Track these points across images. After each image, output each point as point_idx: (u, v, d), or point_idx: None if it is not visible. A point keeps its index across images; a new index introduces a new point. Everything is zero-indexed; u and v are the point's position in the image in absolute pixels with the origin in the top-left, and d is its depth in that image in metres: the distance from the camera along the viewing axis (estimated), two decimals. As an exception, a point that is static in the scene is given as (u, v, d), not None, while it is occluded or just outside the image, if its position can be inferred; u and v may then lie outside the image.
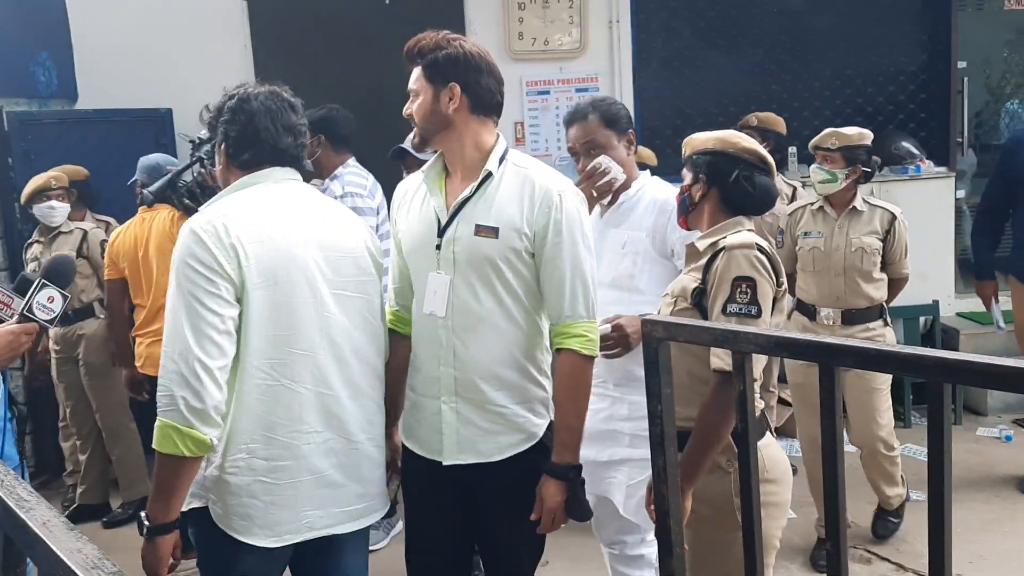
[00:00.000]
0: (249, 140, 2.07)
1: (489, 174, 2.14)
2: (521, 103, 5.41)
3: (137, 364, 3.97)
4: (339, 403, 2.08)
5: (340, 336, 2.08)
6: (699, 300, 2.17)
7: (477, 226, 2.12)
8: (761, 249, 2.15)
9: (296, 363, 2.00)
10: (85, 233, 4.38)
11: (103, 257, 4.16)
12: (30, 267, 4.32)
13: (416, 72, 2.15)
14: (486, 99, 2.15)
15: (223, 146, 2.11)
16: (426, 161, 2.35)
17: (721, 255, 2.14)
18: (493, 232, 2.10)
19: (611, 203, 2.75)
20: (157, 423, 1.88)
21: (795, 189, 4.54)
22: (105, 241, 4.30)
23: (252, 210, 2.02)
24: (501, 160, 2.17)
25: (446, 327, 2.16)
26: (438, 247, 2.16)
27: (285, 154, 2.11)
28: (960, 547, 3.54)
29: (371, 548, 3.87)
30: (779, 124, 4.56)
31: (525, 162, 2.20)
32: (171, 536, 1.96)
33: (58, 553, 0.98)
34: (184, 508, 2.00)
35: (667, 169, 5.47)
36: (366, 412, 2.14)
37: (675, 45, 5.60)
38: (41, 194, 4.27)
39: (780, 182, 4.57)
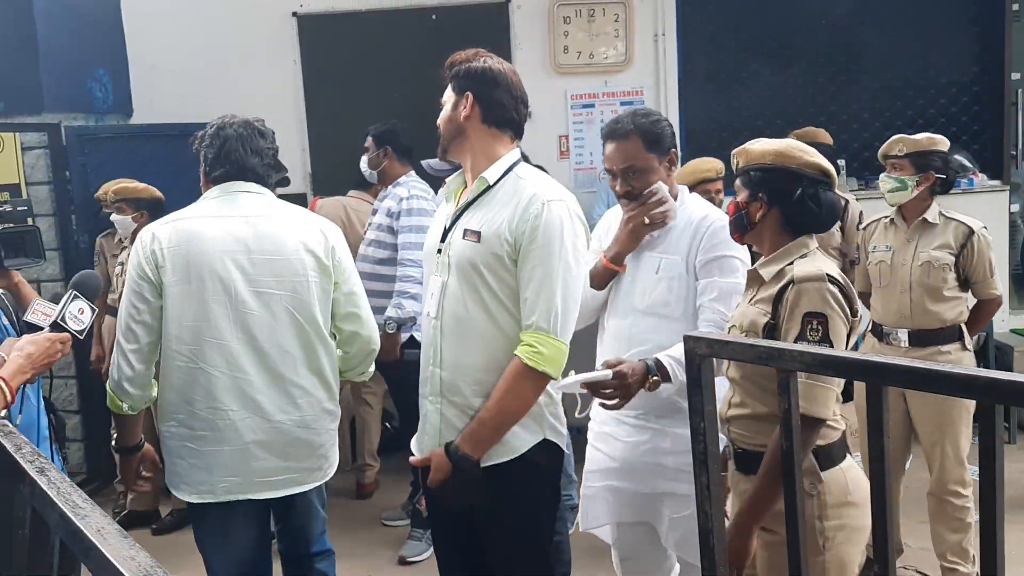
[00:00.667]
0: (221, 160, 2.50)
1: (485, 183, 2.21)
2: (566, 116, 5.42)
3: None
4: (254, 387, 2.40)
5: (258, 328, 2.40)
6: (771, 335, 2.07)
7: (464, 230, 2.20)
8: (832, 280, 2.03)
9: (210, 349, 2.37)
10: None
11: None
12: (116, 269, 4.43)
13: (448, 87, 2.29)
14: (497, 111, 2.22)
15: (202, 165, 2.55)
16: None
17: (790, 288, 2.04)
18: (476, 236, 2.17)
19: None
20: None
21: (847, 202, 4.45)
22: None
23: (187, 219, 2.46)
24: (507, 172, 2.22)
25: (436, 328, 2.24)
26: (439, 251, 2.26)
27: (251, 171, 2.52)
28: (1015, 569, 3.44)
29: (413, 559, 3.96)
30: (821, 135, 4.47)
31: (528, 174, 2.23)
32: (135, 456, 2.56)
33: (112, 560, 1.00)
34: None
35: (714, 183, 5.47)
36: (288, 396, 2.44)
37: (721, 58, 5.57)
38: (111, 204, 4.38)
39: (854, 202, 4.47)
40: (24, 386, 2.37)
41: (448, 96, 2.27)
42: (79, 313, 2.30)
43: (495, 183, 2.21)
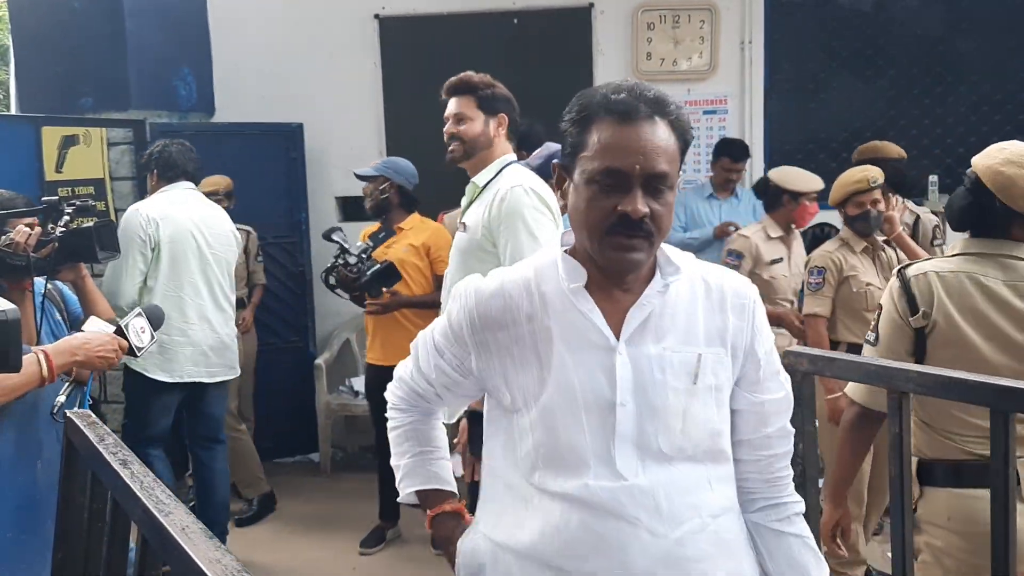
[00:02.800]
0: (171, 167, 3.82)
1: (476, 187, 2.71)
2: (646, 124, 5.31)
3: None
4: (208, 310, 3.82)
5: (212, 276, 3.83)
6: None
7: (461, 223, 2.72)
8: None
9: (185, 285, 3.75)
10: (248, 233, 4.81)
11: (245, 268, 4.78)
12: None
13: (466, 101, 2.77)
14: (515, 128, 2.81)
15: (155, 171, 3.84)
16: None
17: None
18: (464, 227, 2.69)
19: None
20: None
21: (917, 217, 4.20)
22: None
23: (165, 203, 3.78)
24: (499, 172, 2.69)
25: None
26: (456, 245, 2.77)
27: (189, 173, 3.87)
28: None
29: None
30: (887, 149, 4.19)
31: (511, 172, 2.68)
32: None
33: (197, 562, 0.95)
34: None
35: (796, 195, 5.29)
36: (224, 318, 3.89)
37: (809, 67, 5.39)
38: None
39: (925, 215, 4.27)
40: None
41: (471, 114, 2.74)
42: (140, 331, 2.43)
43: (486, 184, 2.69)
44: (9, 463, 2.24)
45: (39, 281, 2.90)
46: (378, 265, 3.82)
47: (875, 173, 3.61)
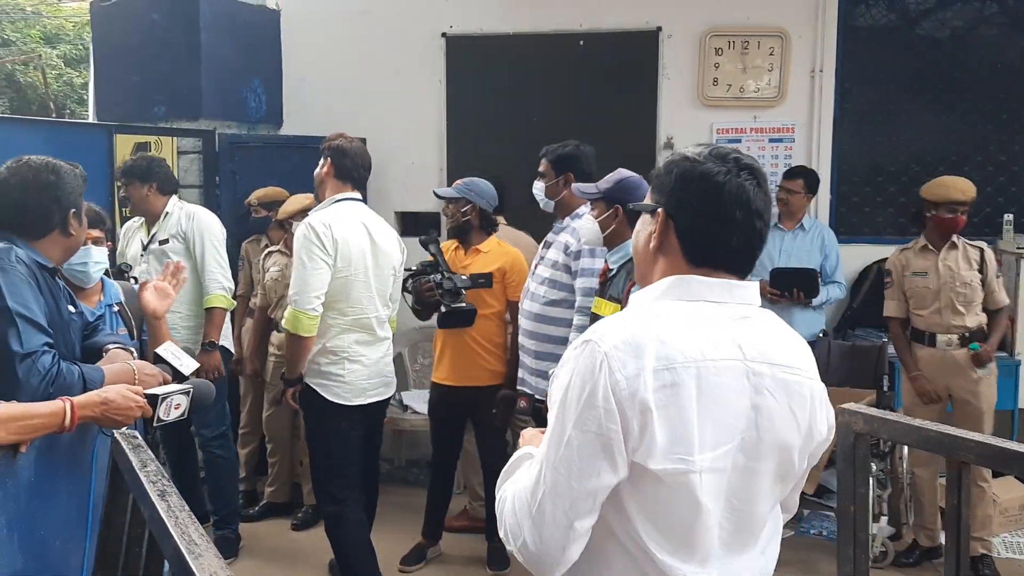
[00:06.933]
0: (174, 181, 4.34)
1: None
2: (710, 150, 5.23)
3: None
4: None
5: None
6: None
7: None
8: None
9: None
10: None
11: None
12: (267, 275, 4.61)
13: None
14: (342, 170, 3.51)
15: (154, 183, 4.12)
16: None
17: None
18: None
19: None
20: None
21: (981, 251, 4.03)
22: None
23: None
24: (330, 207, 3.51)
25: None
26: None
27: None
28: None
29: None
30: (956, 191, 3.99)
31: (326, 207, 3.49)
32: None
33: (220, 615, 0.95)
34: None
35: (863, 228, 5.16)
36: None
37: (880, 97, 5.26)
38: (302, 214, 4.55)
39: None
40: None
41: (320, 162, 3.54)
42: (175, 407, 2.32)
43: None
44: (63, 471, 2.28)
45: (114, 291, 2.95)
46: (463, 305, 3.76)
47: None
